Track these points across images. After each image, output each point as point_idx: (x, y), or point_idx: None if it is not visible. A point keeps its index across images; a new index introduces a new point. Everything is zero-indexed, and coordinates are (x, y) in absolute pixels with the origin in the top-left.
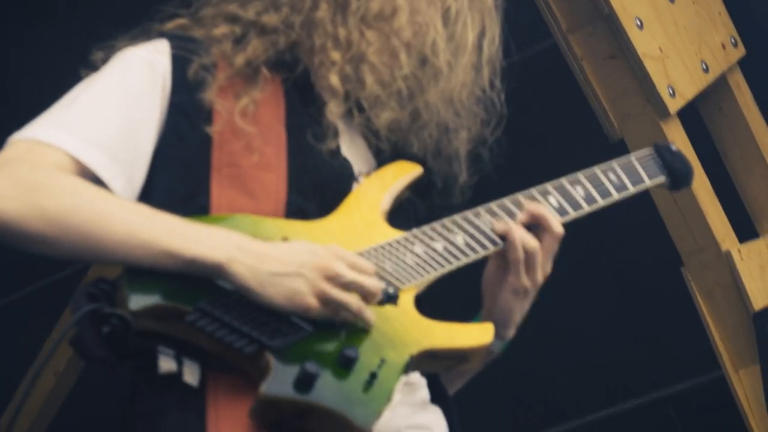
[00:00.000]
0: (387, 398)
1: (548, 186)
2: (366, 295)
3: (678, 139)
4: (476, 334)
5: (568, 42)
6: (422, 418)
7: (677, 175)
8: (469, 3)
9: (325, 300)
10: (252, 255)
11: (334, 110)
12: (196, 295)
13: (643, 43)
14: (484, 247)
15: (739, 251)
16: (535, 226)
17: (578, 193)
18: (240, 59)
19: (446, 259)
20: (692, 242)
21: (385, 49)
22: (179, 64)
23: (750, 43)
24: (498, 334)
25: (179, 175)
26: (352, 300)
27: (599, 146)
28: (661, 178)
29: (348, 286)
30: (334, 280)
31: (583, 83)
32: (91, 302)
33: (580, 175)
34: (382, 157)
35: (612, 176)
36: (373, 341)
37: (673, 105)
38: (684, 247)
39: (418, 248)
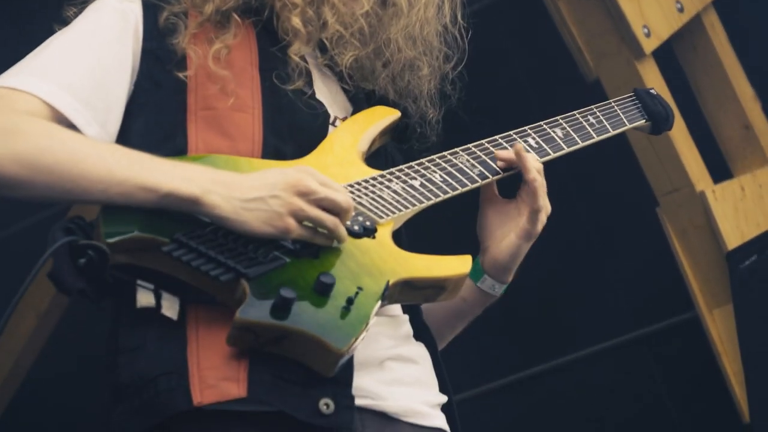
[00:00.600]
0: (364, 323)
1: (527, 128)
2: (339, 211)
3: (653, 79)
4: (454, 265)
5: None
6: (407, 350)
7: (658, 119)
8: None
9: (300, 217)
10: (226, 185)
11: (297, 51)
12: (173, 227)
13: None
14: (462, 184)
15: (714, 192)
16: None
17: (557, 134)
18: (209, 7)
19: (424, 195)
20: (667, 183)
21: None
22: (150, 11)
23: None
24: (500, 279)
25: (155, 119)
26: (327, 216)
27: (575, 86)
28: (642, 122)
29: (321, 203)
30: (307, 196)
31: (559, 23)
32: (67, 235)
33: (560, 119)
34: (359, 105)
35: (592, 119)
36: (349, 270)
37: (649, 45)
38: (659, 187)
39: (396, 185)
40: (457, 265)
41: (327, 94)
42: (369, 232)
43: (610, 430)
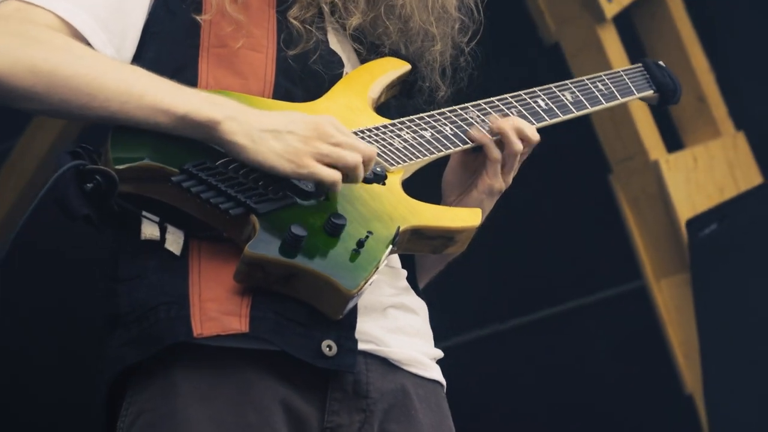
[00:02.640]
0: (374, 266)
1: (536, 89)
2: (364, 159)
3: (612, 45)
4: (464, 216)
5: None
6: (408, 300)
7: (665, 90)
8: None
9: (319, 156)
10: (246, 114)
11: (295, 15)
12: (184, 157)
13: None
14: (472, 139)
15: (667, 161)
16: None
17: (567, 98)
18: None
19: (434, 147)
20: (621, 150)
21: None
22: None
23: None
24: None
25: (167, 50)
26: (347, 152)
27: (534, 50)
28: (650, 92)
29: (340, 146)
30: (327, 138)
31: None
32: (75, 159)
33: (569, 83)
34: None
35: (600, 86)
36: (359, 214)
37: (610, 10)
38: (612, 154)
39: (406, 134)
40: (468, 216)
41: (340, 49)
42: (379, 178)
43: (549, 398)
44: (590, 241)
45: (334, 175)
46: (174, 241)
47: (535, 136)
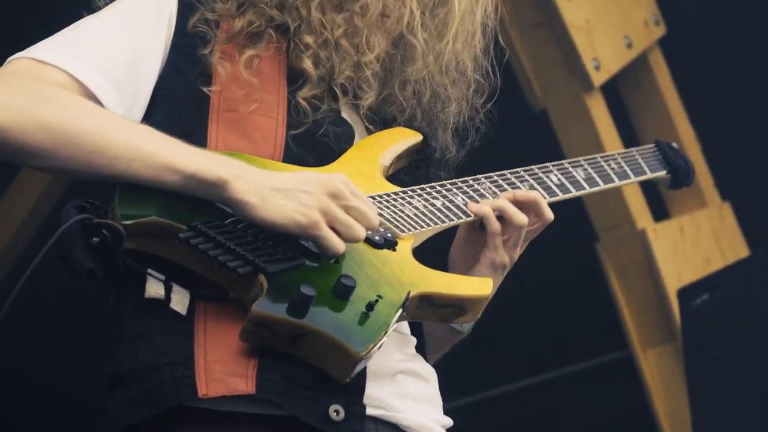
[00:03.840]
0: (383, 330)
1: (549, 165)
2: (366, 225)
3: (599, 112)
4: (476, 285)
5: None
6: (417, 366)
7: (678, 171)
8: None
9: (329, 217)
10: (254, 174)
11: (306, 94)
12: (192, 215)
13: (571, 14)
14: (473, 211)
15: (654, 230)
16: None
17: (579, 175)
18: (240, 23)
19: (446, 215)
20: (608, 218)
21: (355, 31)
22: (185, 8)
23: (670, 22)
24: None
25: (177, 112)
26: (358, 225)
27: (522, 116)
28: (663, 173)
29: (350, 211)
30: (339, 199)
31: (509, 51)
32: (81, 213)
33: (582, 160)
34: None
35: (613, 164)
36: (369, 278)
37: (598, 78)
38: (600, 223)
39: (417, 202)
40: (479, 285)
41: (351, 119)
42: (390, 244)
43: None
44: (577, 310)
45: (340, 247)
46: (179, 301)
47: (547, 213)
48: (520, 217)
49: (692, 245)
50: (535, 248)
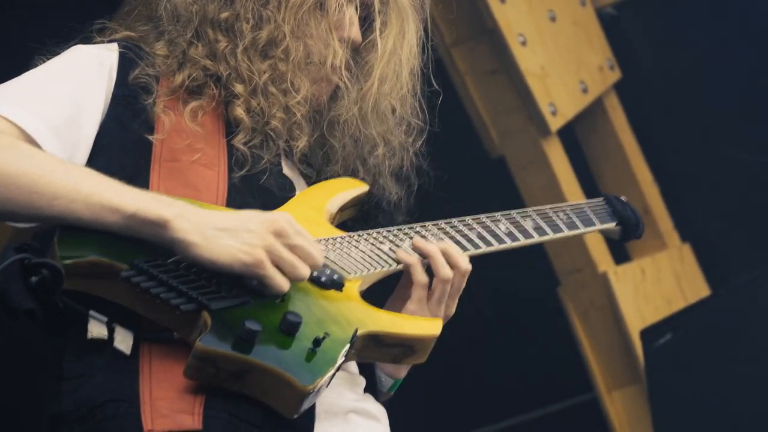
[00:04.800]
0: (330, 365)
1: (497, 214)
2: (311, 264)
3: (557, 157)
4: (424, 325)
5: (451, 56)
6: (369, 406)
7: (627, 224)
8: (381, 6)
9: (273, 255)
10: (197, 214)
11: (241, 140)
12: (133, 254)
13: (526, 60)
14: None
15: (616, 273)
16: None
17: (528, 224)
18: (179, 78)
19: (393, 259)
20: (569, 262)
21: (281, 76)
22: (126, 62)
23: (624, 66)
24: (390, 372)
25: (118, 161)
26: (302, 264)
27: (479, 163)
28: (611, 224)
29: (294, 250)
30: (283, 238)
31: (465, 98)
32: (20, 254)
33: (530, 210)
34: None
35: (562, 215)
36: (316, 316)
37: (555, 123)
38: (561, 267)
39: (364, 246)
40: (427, 325)
41: (291, 174)
42: (337, 284)
43: None
44: (540, 353)
45: (284, 286)
46: (123, 341)
47: (464, 264)
48: (446, 270)
49: (653, 287)
50: (498, 293)
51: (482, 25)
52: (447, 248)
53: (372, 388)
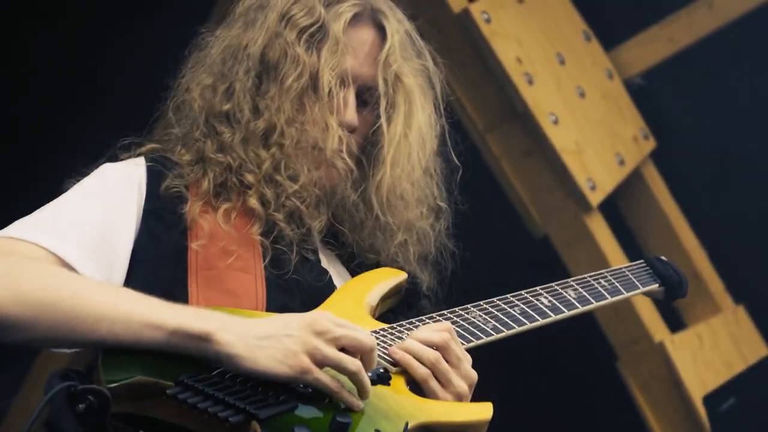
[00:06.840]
0: None
1: (538, 288)
2: (362, 351)
3: (601, 232)
4: (474, 410)
5: (485, 141)
6: None
7: (671, 283)
8: (385, 88)
9: (318, 357)
10: (237, 324)
11: (257, 231)
12: (177, 371)
13: (560, 138)
14: (477, 337)
15: (672, 341)
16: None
17: (570, 294)
18: (205, 183)
19: None
20: (625, 335)
21: (283, 164)
22: (154, 175)
23: (659, 135)
24: None
25: (155, 275)
26: (347, 357)
27: (523, 244)
28: (654, 286)
29: (339, 341)
30: (324, 335)
31: (503, 182)
32: (65, 381)
33: (571, 281)
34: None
35: (604, 282)
36: (365, 414)
37: (594, 198)
38: (617, 340)
39: (406, 337)
40: (478, 410)
41: (329, 265)
42: (384, 379)
43: None
44: (605, 429)
45: (335, 385)
46: None
47: (437, 336)
48: (421, 372)
49: (712, 352)
50: (558, 373)
51: (513, 109)
52: (407, 347)
53: None
